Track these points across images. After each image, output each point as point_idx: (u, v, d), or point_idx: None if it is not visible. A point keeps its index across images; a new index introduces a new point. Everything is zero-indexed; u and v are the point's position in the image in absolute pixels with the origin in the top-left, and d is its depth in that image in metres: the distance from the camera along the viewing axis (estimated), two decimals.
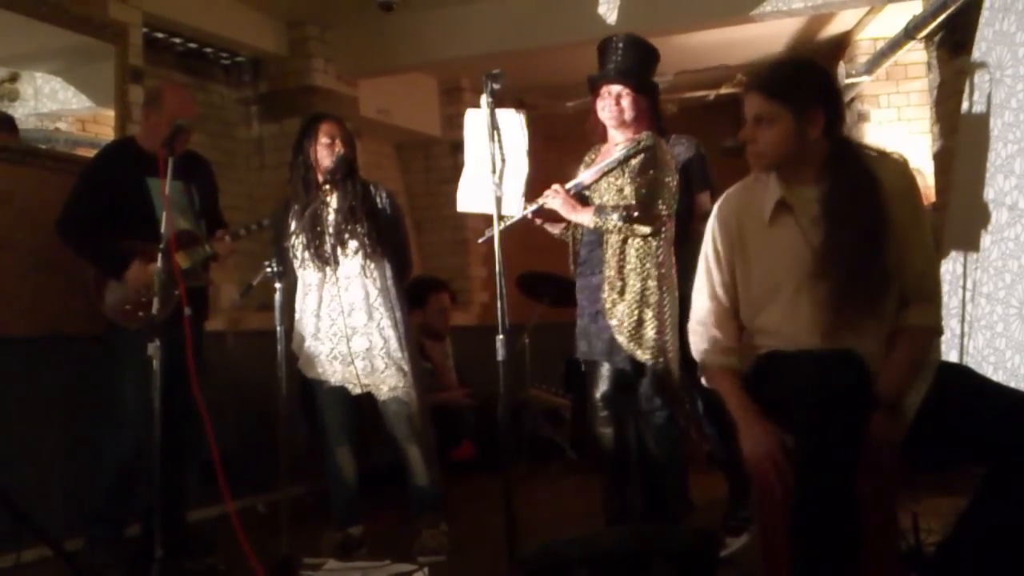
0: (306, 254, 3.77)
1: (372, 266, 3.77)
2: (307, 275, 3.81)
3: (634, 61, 3.51)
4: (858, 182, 2.39)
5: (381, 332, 3.76)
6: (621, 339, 3.45)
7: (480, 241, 3.62)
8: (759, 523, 2.49)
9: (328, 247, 3.74)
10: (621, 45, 3.50)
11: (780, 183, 2.48)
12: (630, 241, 3.45)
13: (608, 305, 3.46)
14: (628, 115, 3.49)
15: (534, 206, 3.48)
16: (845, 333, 2.37)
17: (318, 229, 3.75)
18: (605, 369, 3.56)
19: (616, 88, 3.47)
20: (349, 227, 3.73)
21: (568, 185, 3.52)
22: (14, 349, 3.87)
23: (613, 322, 3.45)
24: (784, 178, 2.48)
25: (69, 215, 3.68)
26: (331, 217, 3.77)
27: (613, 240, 3.46)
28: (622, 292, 3.44)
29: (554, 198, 3.47)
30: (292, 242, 3.77)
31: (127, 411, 3.53)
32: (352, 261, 3.75)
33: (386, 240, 3.80)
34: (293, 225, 3.77)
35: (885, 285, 2.37)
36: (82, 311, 3.80)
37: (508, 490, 2.90)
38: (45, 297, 4.07)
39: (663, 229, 3.51)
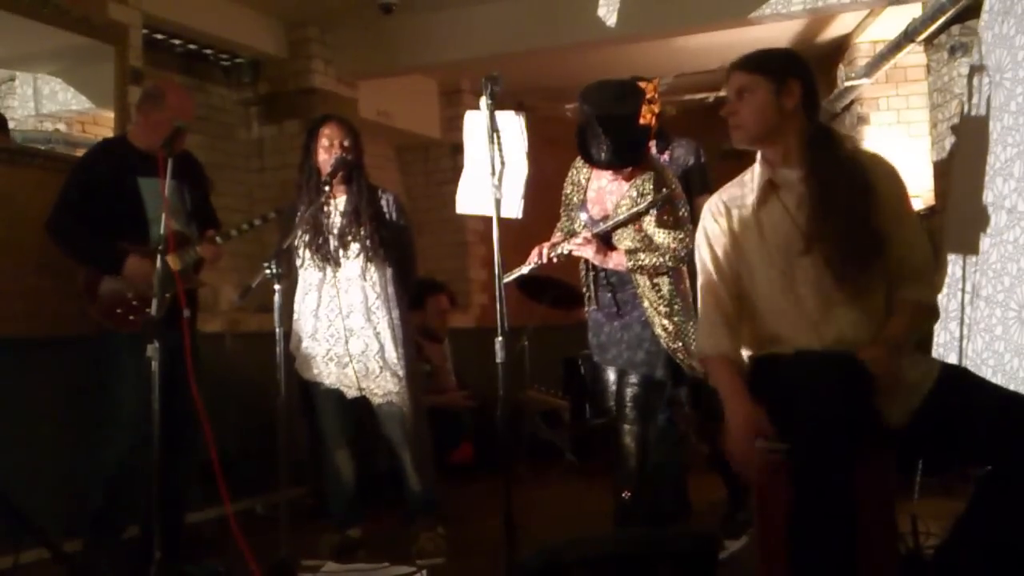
0: (307, 253, 3.78)
1: (372, 269, 3.77)
2: (308, 275, 3.81)
3: (621, 139, 3.46)
4: (839, 160, 2.48)
5: (377, 336, 3.76)
6: (679, 354, 3.49)
7: (506, 281, 3.62)
8: (758, 525, 2.49)
9: (331, 248, 3.75)
10: (602, 129, 3.42)
11: (765, 167, 2.56)
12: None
13: (661, 330, 3.50)
14: (627, 171, 3.54)
15: (563, 251, 3.56)
16: (838, 307, 2.41)
17: (321, 229, 3.76)
18: (633, 378, 3.56)
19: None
20: (352, 229, 3.74)
21: (596, 231, 3.54)
22: (13, 350, 3.86)
23: (670, 342, 3.49)
24: (769, 162, 2.55)
25: (59, 215, 3.64)
26: (335, 219, 3.78)
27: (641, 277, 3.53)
28: (670, 315, 3.50)
29: (586, 247, 3.51)
30: (295, 242, 3.78)
31: (123, 415, 3.52)
32: (353, 263, 3.76)
33: (389, 245, 3.80)
34: (297, 225, 3.78)
35: (876, 250, 2.42)
36: (81, 313, 3.80)
37: (507, 492, 2.90)
38: (44, 298, 4.06)
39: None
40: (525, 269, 3.63)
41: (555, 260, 3.59)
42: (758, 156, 2.59)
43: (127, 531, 3.67)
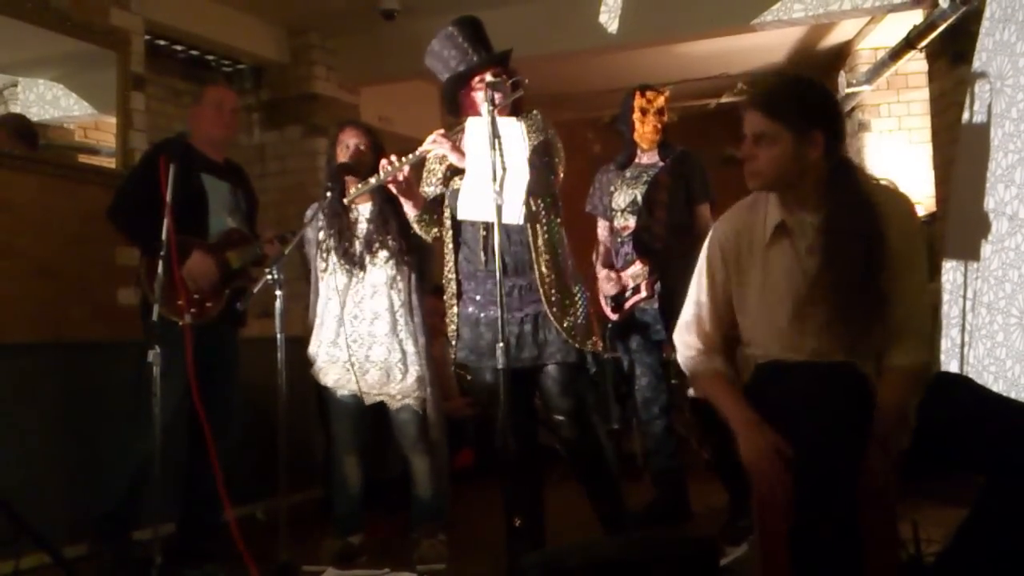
0: (333, 257, 3.79)
1: (399, 277, 3.78)
2: (333, 280, 3.81)
3: (487, 42, 3.32)
4: (857, 211, 2.37)
5: (401, 344, 3.77)
6: (572, 337, 3.24)
7: (354, 195, 3.51)
8: (759, 532, 2.48)
9: (357, 252, 3.77)
10: (467, 33, 3.30)
11: (780, 207, 2.47)
12: (542, 232, 3.26)
13: (554, 305, 3.23)
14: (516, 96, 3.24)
15: (416, 154, 3.27)
16: (835, 357, 2.36)
17: (347, 234, 3.79)
18: (557, 371, 3.30)
19: (491, 74, 3.21)
20: (380, 237, 3.76)
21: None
22: (15, 356, 3.86)
23: (564, 321, 3.23)
24: (784, 202, 2.47)
25: (123, 200, 3.75)
26: (361, 224, 3.81)
27: (527, 235, 3.25)
28: (558, 288, 3.25)
29: (441, 143, 3.24)
30: (320, 245, 3.83)
31: (164, 409, 3.49)
32: (380, 270, 3.77)
33: (414, 252, 3.80)
34: (321, 230, 3.82)
35: (879, 312, 2.35)
36: (83, 318, 3.80)
37: (507, 498, 2.89)
38: (47, 304, 4.07)
39: (560, 205, 3.35)
40: (373, 181, 3.34)
41: (407, 169, 3.27)
42: None
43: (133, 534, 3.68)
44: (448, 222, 3.43)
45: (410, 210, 3.41)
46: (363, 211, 3.83)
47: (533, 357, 3.29)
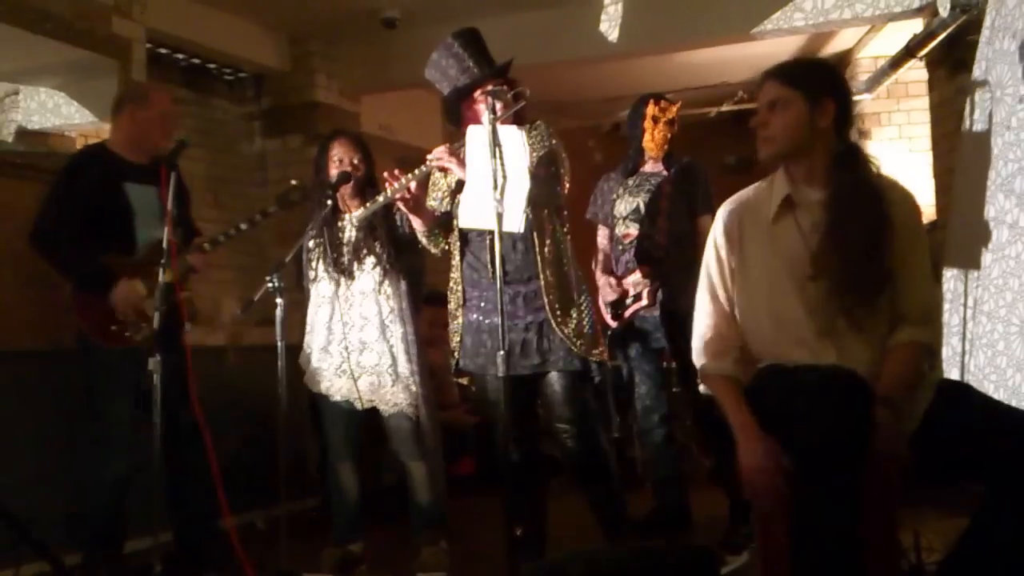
0: (320, 266, 3.79)
1: (387, 283, 3.78)
2: (321, 287, 3.82)
3: (488, 53, 3.35)
4: (863, 188, 2.42)
5: (391, 350, 3.76)
6: (577, 346, 3.24)
7: (361, 214, 3.50)
8: (760, 541, 2.48)
9: (345, 260, 3.76)
10: (468, 45, 3.36)
11: (788, 182, 2.50)
12: (548, 240, 3.29)
13: (558, 313, 3.24)
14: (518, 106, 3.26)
15: (421, 169, 3.30)
16: (838, 335, 2.38)
17: (335, 242, 3.78)
18: (560, 379, 3.29)
19: (492, 85, 3.23)
20: (367, 244, 3.76)
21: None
22: (14, 362, 3.86)
23: (567, 329, 3.24)
24: (792, 177, 2.51)
25: (44, 225, 3.58)
26: (350, 233, 3.80)
27: (536, 241, 3.26)
28: (562, 296, 3.26)
29: (448, 158, 3.28)
30: (308, 255, 3.80)
31: (118, 435, 3.49)
32: (368, 276, 3.77)
33: (404, 259, 3.80)
34: (311, 239, 3.79)
35: (881, 288, 2.38)
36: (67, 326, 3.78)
37: (508, 507, 2.89)
38: (45, 310, 4.06)
39: (566, 214, 3.38)
40: (381, 199, 3.37)
41: (413, 186, 3.28)
42: (780, 167, 2.55)
43: (128, 544, 3.67)
44: (455, 232, 3.43)
45: (419, 226, 3.42)
46: (352, 219, 3.81)
47: (536, 364, 3.29)
